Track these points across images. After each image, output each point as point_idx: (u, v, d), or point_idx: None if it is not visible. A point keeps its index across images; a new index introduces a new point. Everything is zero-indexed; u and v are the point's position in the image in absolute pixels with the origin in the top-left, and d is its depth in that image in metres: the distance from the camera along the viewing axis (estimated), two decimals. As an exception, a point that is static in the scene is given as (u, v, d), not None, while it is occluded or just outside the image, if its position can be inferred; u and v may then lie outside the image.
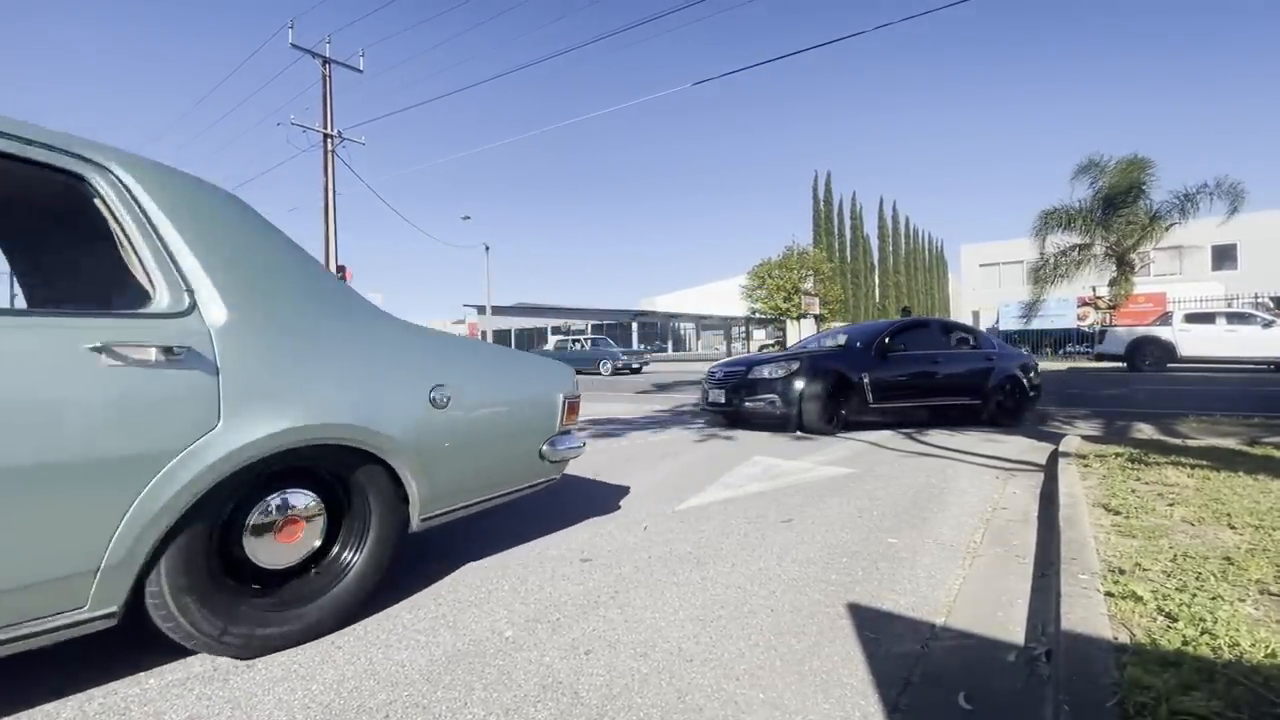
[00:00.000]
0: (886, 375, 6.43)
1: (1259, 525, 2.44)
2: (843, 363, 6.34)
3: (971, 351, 7.26)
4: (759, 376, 6.34)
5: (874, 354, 6.49)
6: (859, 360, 6.43)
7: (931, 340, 7.17)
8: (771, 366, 6.33)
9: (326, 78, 15.45)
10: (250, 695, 1.51)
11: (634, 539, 2.76)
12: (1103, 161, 19.53)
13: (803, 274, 29.92)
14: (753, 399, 6.29)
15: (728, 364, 7.16)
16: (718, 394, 6.69)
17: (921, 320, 7.58)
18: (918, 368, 6.71)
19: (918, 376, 6.70)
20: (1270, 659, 1.42)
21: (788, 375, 6.16)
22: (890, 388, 6.46)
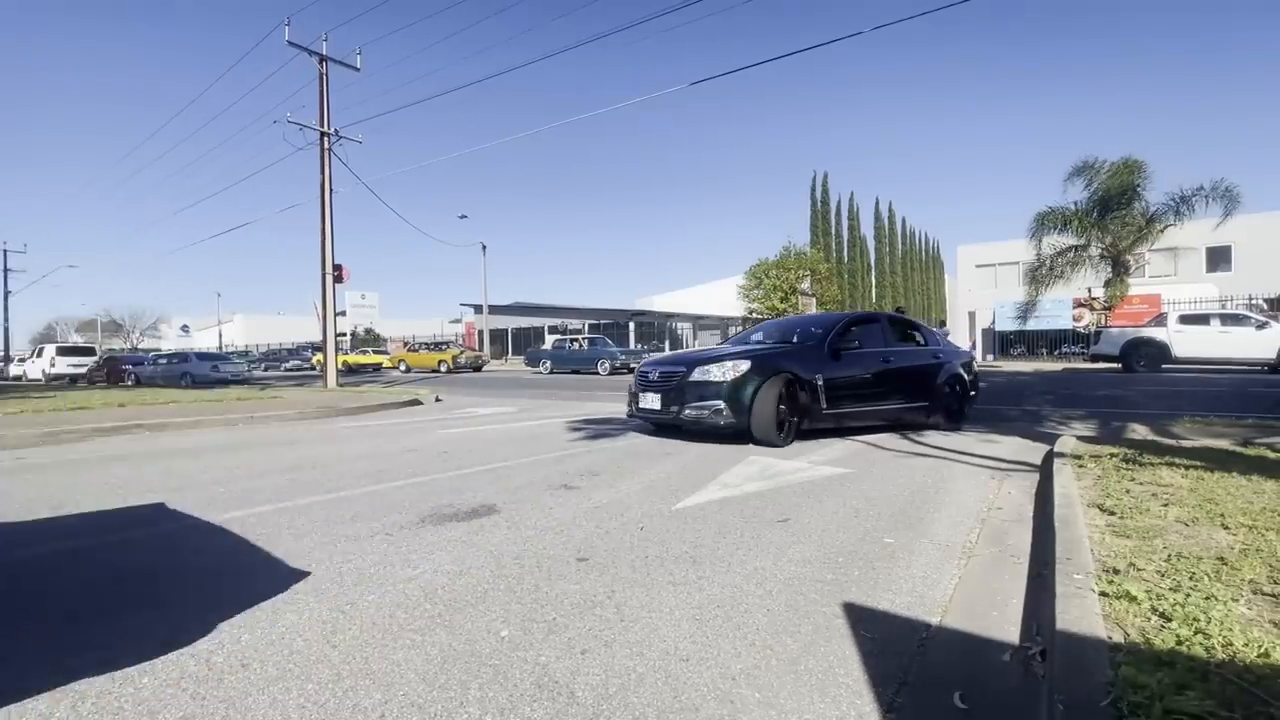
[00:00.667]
0: (841, 376, 5.68)
1: (1252, 526, 2.45)
2: (796, 362, 5.51)
3: (921, 348, 6.76)
4: (704, 379, 5.36)
5: (828, 352, 5.73)
6: (813, 359, 5.63)
7: (882, 337, 6.46)
8: (719, 366, 5.36)
9: (323, 76, 15.40)
10: (245, 695, 1.50)
11: (631, 539, 2.76)
12: (1097, 164, 19.62)
13: (800, 274, 29.94)
14: (696, 406, 5.31)
15: (663, 361, 6.17)
16: (651, 399, 5.69)
17: (871, 314, 6.89)
18: (872, 367, 6.02)
19: (872, 378, 6.02)
20: (1263, 659, 1.43)
21: (740, 378, 5.22)
22: (845, 391, 5.71)
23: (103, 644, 1.76)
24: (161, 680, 1.56)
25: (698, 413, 5.31)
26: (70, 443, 6.28)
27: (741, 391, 5.16)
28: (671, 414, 5.49)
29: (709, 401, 5.26)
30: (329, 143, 15.30)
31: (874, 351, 6.13)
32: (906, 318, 7.42)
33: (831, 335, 5.91)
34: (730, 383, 5.23)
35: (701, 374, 5.41)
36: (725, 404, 5.18)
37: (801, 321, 7.21)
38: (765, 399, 5.14)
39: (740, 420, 5.13)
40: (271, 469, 4.51)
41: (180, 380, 20.82)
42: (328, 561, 2.46)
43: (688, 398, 5.40)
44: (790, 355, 5.71)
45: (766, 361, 5.40)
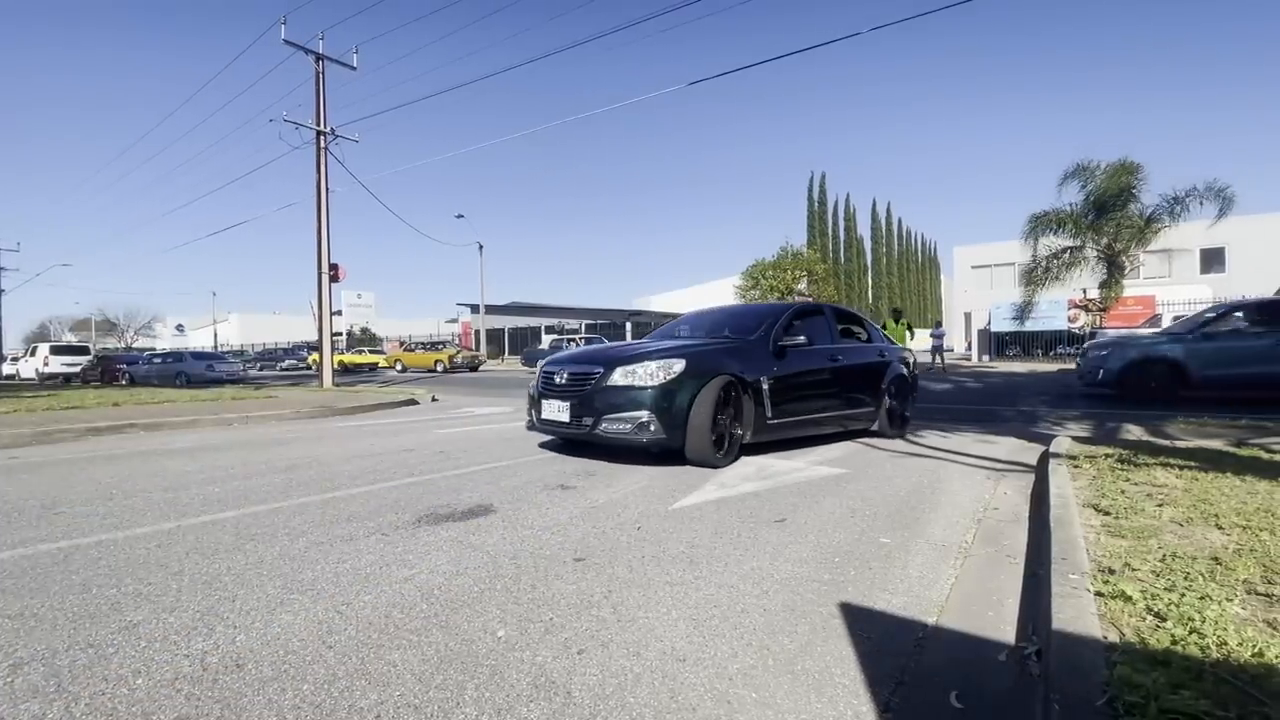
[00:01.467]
0: (788, 378, 4.87)
1: (1246, 526, 2.46)
2: (739, 361, 4.62)
3: (866, 345, 6.13)
4: (627, 383, 4.31)
5: (772, 350, 4.86)
6: (757, 358, 4.76)
7: (828, 331, 5.69)
8: (646, 366, 4.32)
9: (319, 74, 15.36)
10: (240, 695, 1.49)
11: (627, 539, 2.76)
12: (1092, 165, 19.69)
13: (797, 275, 30.01)
14: (615, 418, 4.26)
15: (574, 359, 4.91)
16: (558, 408, 4.57)
17: (815, 306, 6.04)
18: (820, 367, 5.26)
19: (820, 379, 5.28)
20: (1257, 658, 1.43)
21: (672, 381, 4.23)
22: (792, 395, 4.91)
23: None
24: (156, 680, 1.55)
25: (618, 426, 4.23)
26: (64, 442, 6.25)
27: (674, 398, 4.19)
28: (584, 428, 4.38)
29: (632, 412, 4.21)
30: (325, 142, 15.26)
31: (822, 349, 5.37)
32: (851, 310, 6.66)
33: (776, 329, 5.01)
34: (660, 387, 4.21)
35: (624, 376, 4.33)
36: (653, 415, 4.16)
37: (735, 313, 6.07)
38: (703, 407, 4.20)
39: (672, 436, 4.17)
40: (267, 469, 4.50)
41: (175, 380, 20.75)
42: (323, 561, 2.45)
43: (605, 407, 4.31)
44: (732, 353, 4.74)
45: (705, 360, 4.46)
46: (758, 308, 6.07)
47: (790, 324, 5.21)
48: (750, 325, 5.28)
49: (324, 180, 15.14)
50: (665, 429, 4.17)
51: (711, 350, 4.72)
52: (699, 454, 4.24)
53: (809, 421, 5.12)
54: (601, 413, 4.34)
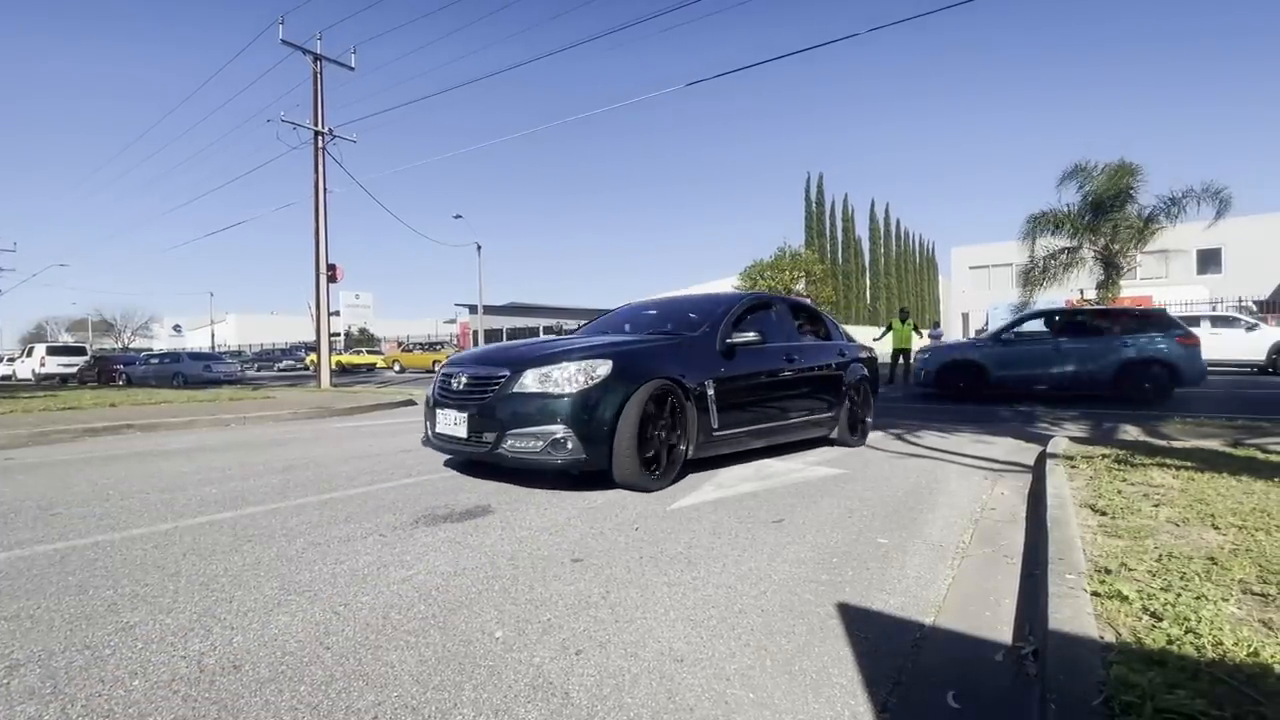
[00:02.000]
0: (739, 382, 4.24)
1: (1242, 526, 2.47)
2: (678, 362, 3.92)
3: (826, 343, 5.52)
4: (539, 389, 3.54)
5: (720, 349, 4.22)
6: (701, 358, 4.09)
7: (782, 328, 5.03)
8: (563, 368, 3.58)
9: (317, 74, 15.34)
10: (237, 696, 1.49)
11: (625, 539, 2.76)
12: (1090, 166, 19.74)
13: (795, 275, 30.05)
14: (523, 433, 3.48)
15: (476, 359, 4.14)
16: (454, 419, 3.78)
17: (767, 298, 5.29)
18: (775, 369, 4.61)
19: (775, 383, 4.63)
20: (1253, 657, 1.44)
21: (594, 387, 3.51)
22: (743, 401, 4.29)
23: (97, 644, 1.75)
24: (152, 682, 1.55)
25: (526, 444, 3.47)
26: (61, 443, 6.23)
27: (597, 408, 3.46)
28: (484, 445, 3.60)
29: (544, 425, 3.45)
30: (323, 142, 15.24)
31: (776, 347, 4.71)
32: (808, 304, 6.04)
33: (725, 325, 4.34)
34: (579, 395, 3.47)
35: (536, 380, 3.57)
36: (570, 429, 3.42)
37: (678, 306, 5.28)
38: (633, 418, 3.49)
39: (594, 454, 3.45)
40: (264, 470, 4.49)
41: (172, 380, 20.70)
42: (321, 562, 2.44)
43: (510, 419, 3.54)
44: (670, 352, 4.02)
45: (637, 360, 3.75)
46: (704, 299, 5.19)
47: (741, 319, 4.53)
48: (694, 320, 4.59)
49: (322, 181, 15.12)
50: (586, 445, 3.42)
51: (646, 349, 3.99)
52: (627, 475, 3.51)
53: (762, 431, 4.50)
54: (506, 426, 3.52)
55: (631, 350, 3.89)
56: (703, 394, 3.94)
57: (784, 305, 5.37)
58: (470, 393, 3.81)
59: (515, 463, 3.60)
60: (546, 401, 3.50)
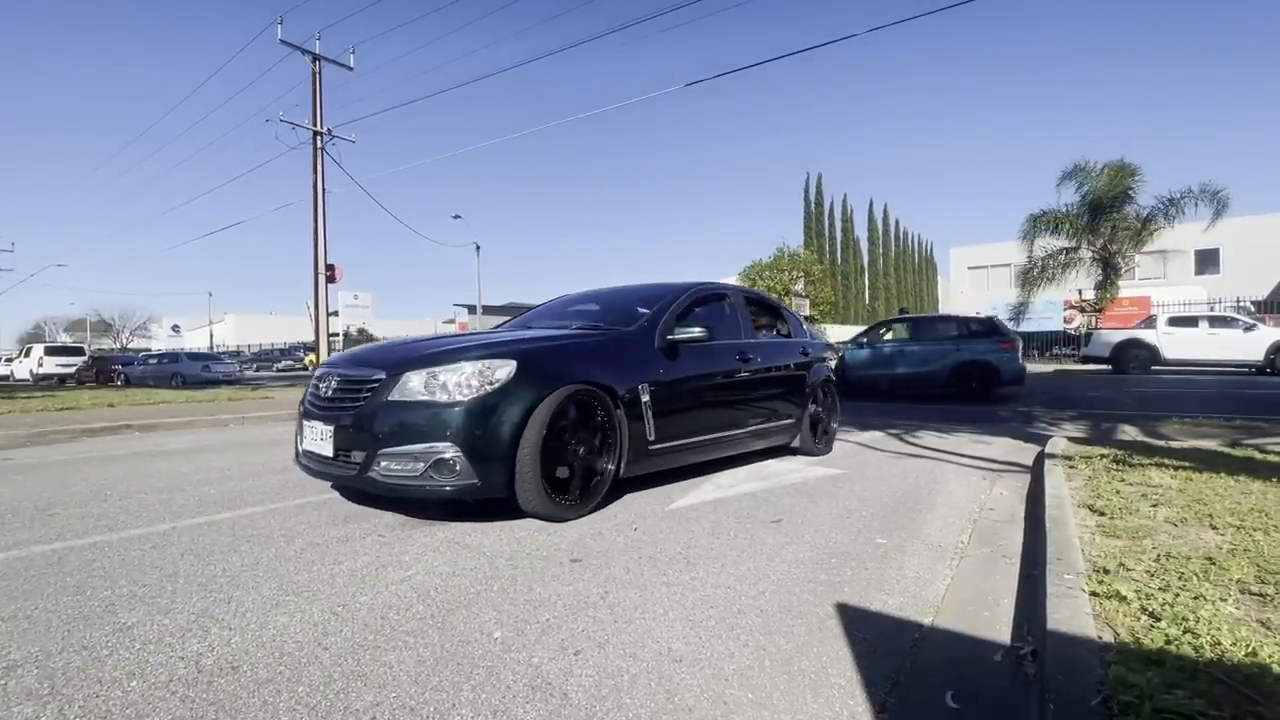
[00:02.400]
0: (681, 386, 3.66)
1: (1240, 526, 2.47)
2: (602, 363, 3.32)
3: (787, 341, 5.03)
4: (422, 396, 2.87)
5: (660, 347, 3.62)
6: (633, 358, 3.50)
7: (737, 323, 4.48)
8: (453, 369, 2.90)
9: (316, 74, 15.34)
10: (235, 697, 1.49)
11: (624, 539, 2.76)
12: (1089, 167, 19.79)
13: (794, 275, 30.04)
14: (399, 452, 2.79)
15: (351, 359, 3.43)
16: (320, 433, 3.08)
17: (719, 289, 4.70)
18: (726, 370, 4.06)
19: (727, 386, 4.07)
20: (1251, 658, 1.44)
21: (491, 394, 2.84)
22: (686, 408, 3.70)
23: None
24: (150, 683, 1.55)
25: (403, 466, 2.77)
26: (59, 443, 6.22)
27: (494, 420, 2.79)
28: (351, 467, 2.90)
29: (425, 443, 2.75)
30: (322, 142, 15.24)
31: (728, 345, 4.18)
32: (767, 297, 5.58)
33: (666, 319, 3.75)
34: (472, 404, 2.79)
35: (419, 384, 2.88)
36: (458, 447, 2.73)
37: (614, 297, 4.64)
38: (539, 432, 2.84)
39: (490, 477, 2.77)
40: (263, 470, 4.48)
41: (171, 380, 20.69)
42: (319, 563, 2.44)
43: (384, 435, 2.82)
44: (595, 351, 3.42)
45: (548, 361, 3.13)
46: (650, 289, 4.43)
47: (686, 312, 4.00)
48: (630, 313, 3.94)
49: (321, 181, 15.11)
50: (479, 467, 2.74)
51: (562, 347, 3.35)
52: (534, 503, 2.86)
53: (710, 443, 3.91)
54: (379, 443, 2.81)
55: (543, 348, 3.25)
56: (636, 400, 3.32)
57: (739, 298, 4.74)
58: (339, 400, 3.08)
59: (390, 490, 2.81)
60: (431, 411, 2.80)
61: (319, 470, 3.17)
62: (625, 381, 3.32)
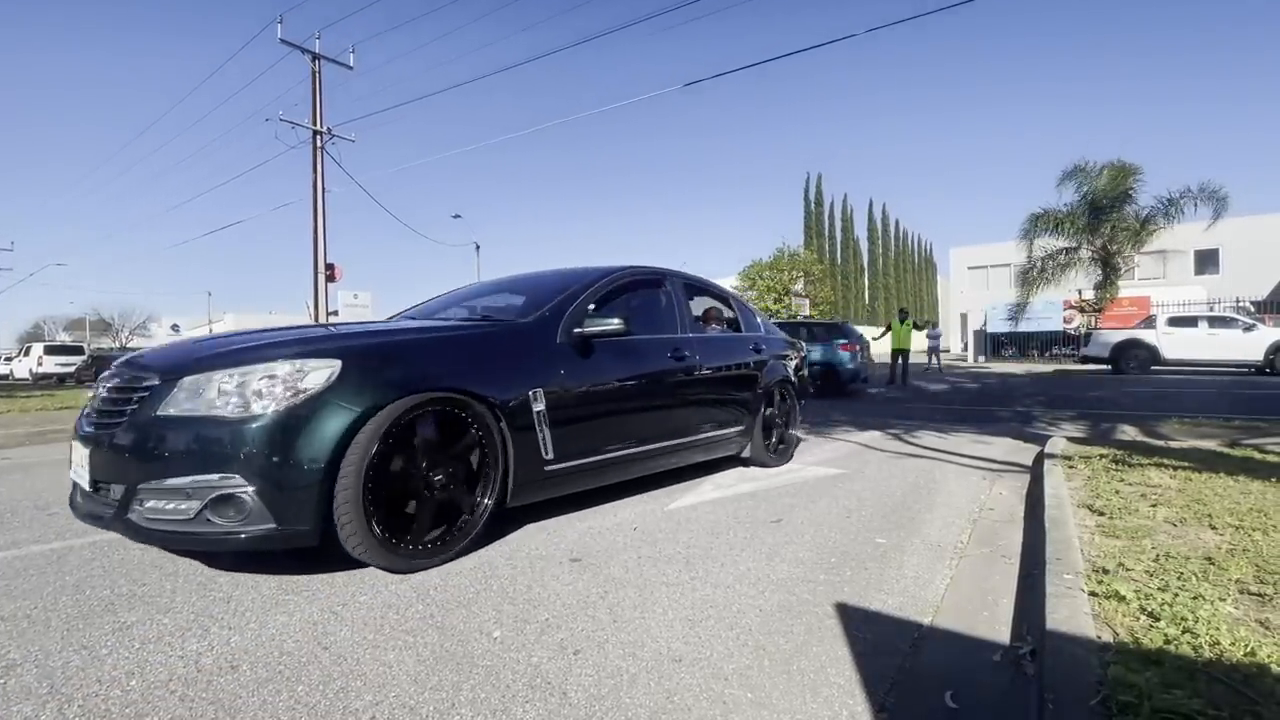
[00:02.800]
0: (594, 391, 3.05)
1: (1239, 526, 2.47)
2: (473, 364, 2.65)
3: (736, 336, 4.44)
4: (198, 410, 2.13)
5: (565, 342, 3.00)
6: (523, 358, 2.84)
7: (672, 313, 3.85)
8: (247, 373, 2.17)
9: (316, 74, 15.33)
10: (235, 696, 1.49)
11: (623, 539, 2.76)
12: (1089, 167, 19.79)
13: (793, 275, 30.06)
14: (163, 488, 2.07)
15: (131, 363, 2.52)
16: (80, 458, 2.35)
17: (653, 274, 3.94)
18: (655, 371, 3.43)
19: (655, 390, 3.43)
20: (1250, 658, 1.44)
21: (301, 405, 2.14)
22: (599, 417, 3.10)
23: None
24: (149, 682, 1.55)
25: (170, 506, 2.08)
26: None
27: (300, 442, 2.10)
28: (108, 505, 2.21)
29: (199, 476, 2.06)
30: (322, 141, 15.24)
31: (659, 341, 3.58)
32: (710, 284, 4.56)
33: (574, 309, 3.11)
34: (269, 420, 2.10)
35: (201, 392, 2.17)
36: (249, 479, 2.05)
37: (521, 284, 3.93)
38: (361, 457, 2.16)
39: (295, 519, 2.09)
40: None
41: (170, 380, 20.60)
42: (318, 561, 2.44)
43: (148, 462, 2.13)
44: (462, 348, 2.72)
45: (387, 361, 2.43)
46: (555, 275, 3.82)
47: (606, 300, 3.34)
48: (531, 301, 3.31)
49: (320, 180, 15.12)
50: (278, 506, 2.05)
51: (414, 343, 2.61)
52: (364, 550, 2.17)
53: (636, 459, 3.29)
54: (141, 474, 2.12)
55: (384, 345, 2.54)
56: (526, 409, 2.66)
57: (677, 285, 4.01)
58: (104, 414, 2.35)
59: (157, 539, 2.13)
60: (213, 430, 2.08)
61: (84, 511, 2.35)
62: (510, 387, 2.66)
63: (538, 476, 2.77)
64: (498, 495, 2.61)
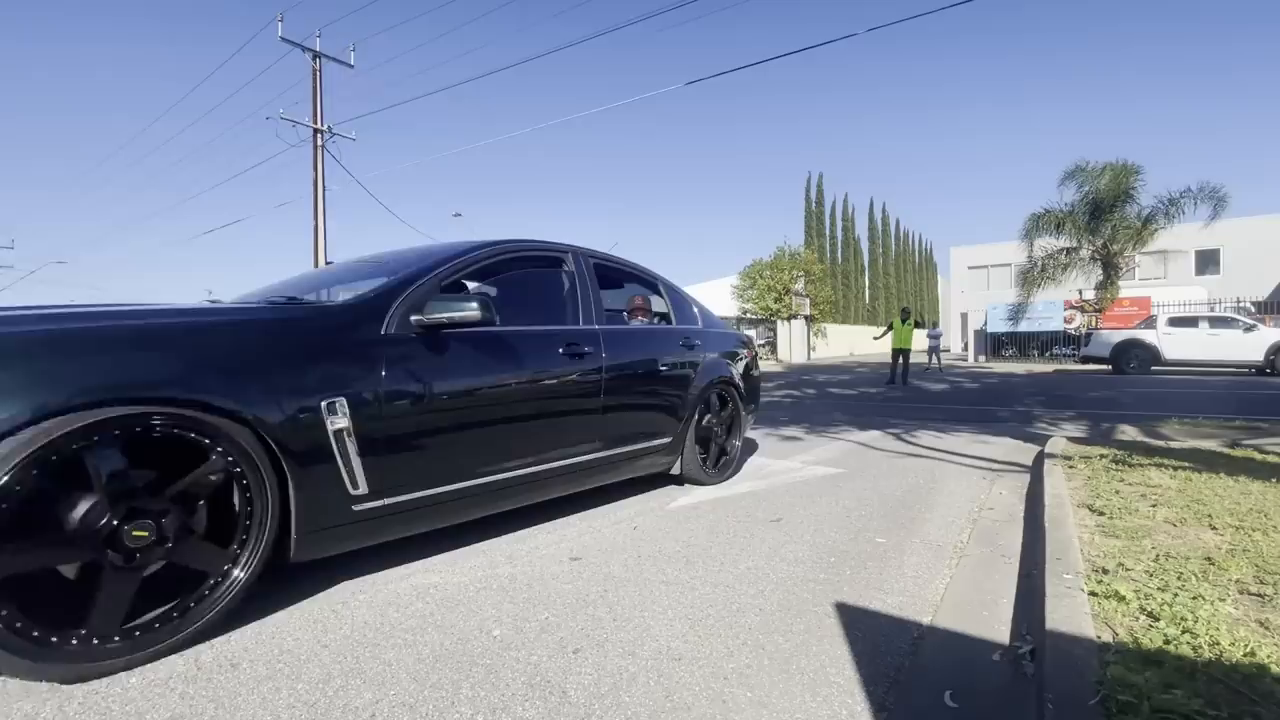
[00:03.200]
0: (437, 396, 2.31)
1: (1239, 526, 2.47)
2: (224, 358, 1.85)
3: (656, 329, 3.71)
4: None
5: (394, 330, 2.26)
6: (323, 350, 2.08)
7: (569, 301, 3.13)
8: None
9: (317, 72, 15.33)
10: (234, 694, 1.49)
11: (623, 538, 2.76)
12: (1089, 167, 19.77)
13: (794, 275, 30.03)
14: None
15: None
16: None
17: (546, 251, 3.17)
18: (533, 371, 2.74)
19: (539, 396, 2.76)
20: (1249, 658, 1.44)
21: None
22: (447, 434, 2.37)
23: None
24: (149, 680, 1.55)
25: None
26: None
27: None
28: None
29: None
30: (322, 139, 15.24)
31: (545, 334, 2.86)
32: (631, 266, 3.76)
33: (413, 291, 2.37)
34: None
35: None
36: None
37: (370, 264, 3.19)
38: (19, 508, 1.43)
39: None
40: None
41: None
42: (317, 561, 2.44)
43: None
44: (199, 338, 1.87)
45: (44, 355, 1.56)
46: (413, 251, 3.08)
47: (467, 276, 2.67)
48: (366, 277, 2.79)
49: (321, 178, 15.12)
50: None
51: (111, 332, 1.74)
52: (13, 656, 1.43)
53: (501, 487, 2.56)
54: None
55: (39, 336, 1.61)
56: (315, 427, 1.95)
57: (583, 265, 3.24)
58: None
59: None
60: None
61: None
62: (289, 396, 1.91)
63: (341, 519, 2.04)
64: (265, 552, 1.85)
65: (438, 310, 2.32)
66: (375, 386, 2.12)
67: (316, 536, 2.01)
